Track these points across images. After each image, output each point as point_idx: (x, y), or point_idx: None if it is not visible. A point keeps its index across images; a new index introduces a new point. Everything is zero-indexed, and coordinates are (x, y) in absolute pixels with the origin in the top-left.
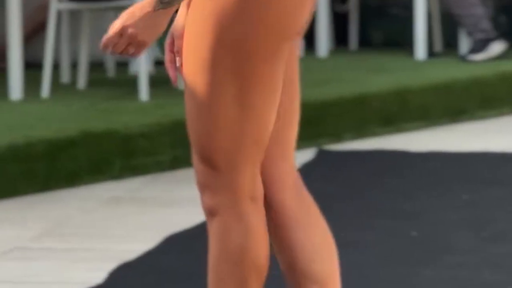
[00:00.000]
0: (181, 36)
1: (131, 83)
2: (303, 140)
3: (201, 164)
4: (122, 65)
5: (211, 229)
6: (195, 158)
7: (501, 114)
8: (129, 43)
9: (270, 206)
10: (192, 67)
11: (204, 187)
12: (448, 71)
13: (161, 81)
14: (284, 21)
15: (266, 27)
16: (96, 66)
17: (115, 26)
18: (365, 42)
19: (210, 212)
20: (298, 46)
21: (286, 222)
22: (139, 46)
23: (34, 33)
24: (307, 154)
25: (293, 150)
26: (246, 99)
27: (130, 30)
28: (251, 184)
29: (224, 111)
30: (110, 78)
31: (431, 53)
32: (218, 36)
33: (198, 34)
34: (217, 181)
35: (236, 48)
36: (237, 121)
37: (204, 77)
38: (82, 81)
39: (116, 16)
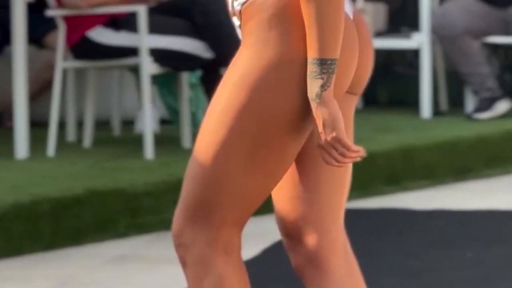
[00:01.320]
0: None
1: (137, 142)
2: None
3: (185, 220)
4: (128, 124)
5: (186, 278)
6: (179, 212)
7: (506, 172)
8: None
9: (319, 270)
10: (212, 125)
11: (180, 238)
12: (453, 130)
13: (166, 139)
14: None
15: (297, 98)
16: (102, 124)
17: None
18: (371, 101)
19: (184, 262)
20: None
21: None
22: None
23: (40, 92)
24: None
25: (343, 214)
26: (256, 166)
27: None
28: (229, 239)
29: (232, 172)
30: (116, 137)
31: (436, 111)
32: (247, 102)
33: (229, 96)
34: (196, 235)
35: (263, 117)
36: (241, 185)
37: (221, 137)
38: (87, 140)
39: (121, 75)
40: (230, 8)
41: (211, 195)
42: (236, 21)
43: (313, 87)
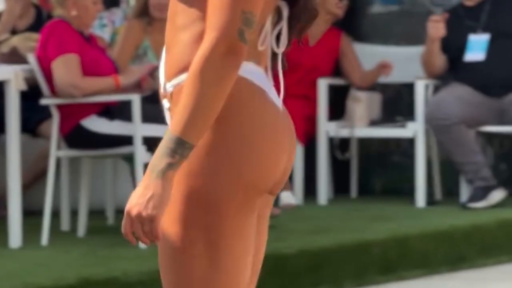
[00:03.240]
0: None
1: None
2: (304, 287)
3: None
4: (122, 213)
5: None
6: None
7: (500, 262)
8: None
9: None
10: (167, 217)
11: None
12: (448, 219)
13: None
14: (255, 177)
15: (235, 183)
16: (96, 213)
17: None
18: (366, 190)
19: None
20: (270, 205)
21: None
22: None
23: (34, 181)
24: None
25: None
26: (215, 253)
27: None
28: None
29: (194, 263)
30: (110, 226)
31: (431, 200)
32: (188, 189)
33: (175, 187)
34: None
35: (204, 202)
36: (207, 274)
37: (176, 228)
38: (81, 229)
39: (115, 164)
40: (161, 90)
41: (181, 280)
42: (166, 103)
43: (160, 162)
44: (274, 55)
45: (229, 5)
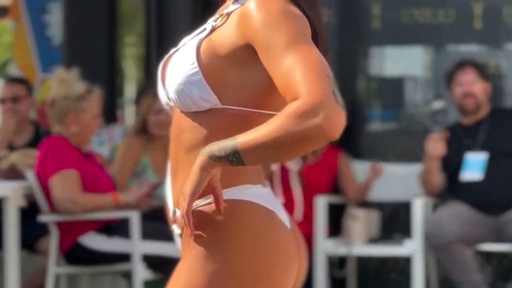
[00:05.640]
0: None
1: None
2: None
3: None
4: None
5: None
6: None
7: None
8: None
9: None
10: None
11: None
12: None
13: None
14: None
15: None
16: None
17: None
18: None
19: None
20: None
21: None
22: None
23: None
24: None
25: None
26: None
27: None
28: None
29: None
30: None
31: None
32: None
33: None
34: None
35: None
36: None
37: None
38: None
39: (114, 280)
40: (171, 215)
41: None
42: (176, 229)
43: (210, 147)
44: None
45: (318, 71)
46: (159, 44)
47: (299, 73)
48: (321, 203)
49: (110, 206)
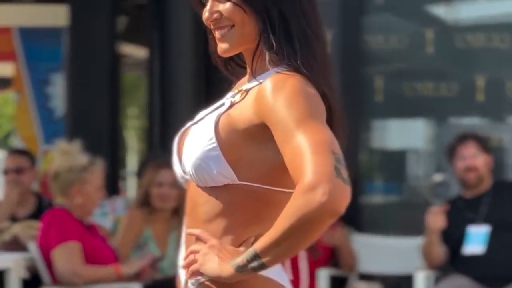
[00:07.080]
0: None
1: None
2: None
3: None
4: None
5: None
6: None
7: None
8: None
9: None
10: None
11: None
12: None
13: None
14: None
15: None
16: None
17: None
18: None
19: None
20: None
21: None
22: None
23: None
24: None
25: None
26: None
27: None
28: None
29: None
30: None
31: None
32: None
33: None
34: None
35: None
36: None
37: None
38: None
39: None
40: (183, 285)
41: None
42: None
43: (235, 259)
44: None
45: (323, 148)
46: (161, 115)
47: (305, 154)
48: (323, 275)
49: (112, 278)
